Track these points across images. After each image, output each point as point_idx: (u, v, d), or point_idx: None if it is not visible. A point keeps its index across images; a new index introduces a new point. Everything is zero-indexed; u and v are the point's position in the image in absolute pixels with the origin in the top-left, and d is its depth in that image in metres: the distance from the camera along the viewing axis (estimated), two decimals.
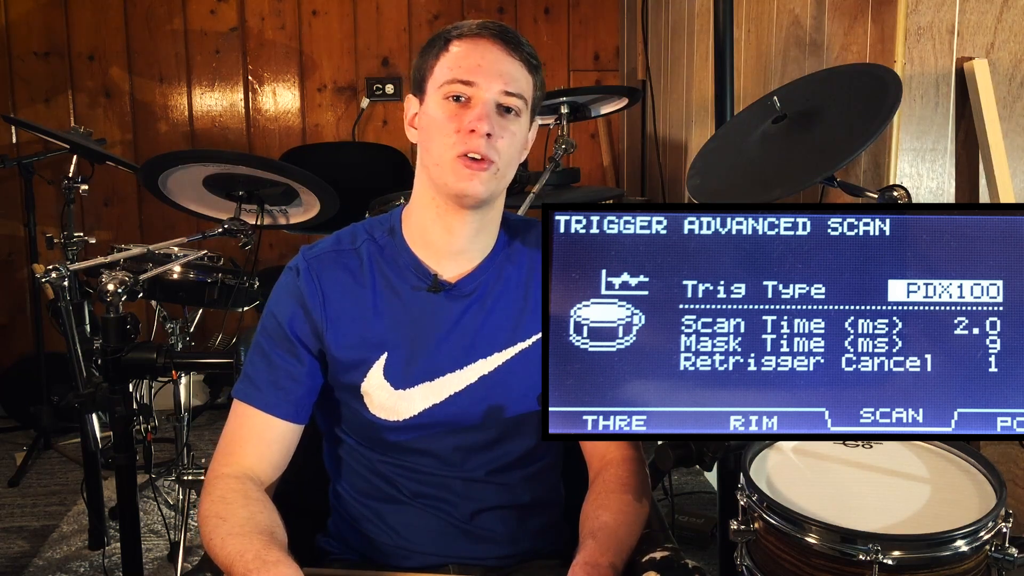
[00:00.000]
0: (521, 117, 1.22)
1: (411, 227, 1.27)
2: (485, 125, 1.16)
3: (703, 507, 2.80)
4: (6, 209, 3.72)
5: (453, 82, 1.18)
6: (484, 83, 1.18)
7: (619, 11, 3.96)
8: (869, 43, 1.88)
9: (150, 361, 1.77)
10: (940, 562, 0.93)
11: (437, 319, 1.25)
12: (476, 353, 1.25)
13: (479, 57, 1.18)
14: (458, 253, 1.26)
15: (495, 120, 1.18)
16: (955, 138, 1.77)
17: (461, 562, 1.27)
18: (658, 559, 1.20)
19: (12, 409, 3.56)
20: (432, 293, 1.24)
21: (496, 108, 1.19)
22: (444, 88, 1.19)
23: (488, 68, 1.18)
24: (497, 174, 1.19)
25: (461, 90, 1.18)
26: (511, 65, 1.20)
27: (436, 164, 1.20)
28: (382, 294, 1.25)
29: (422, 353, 1.24)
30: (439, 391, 1.25)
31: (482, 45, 1.19)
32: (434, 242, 1.25)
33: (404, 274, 1.25)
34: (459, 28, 1.22)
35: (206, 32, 3.74)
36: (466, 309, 1.25)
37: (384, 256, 1.27)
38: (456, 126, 1.18)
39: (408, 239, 1.27)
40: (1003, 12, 1.73)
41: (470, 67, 1.18)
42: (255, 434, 1.24)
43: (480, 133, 1.16)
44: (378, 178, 3.66)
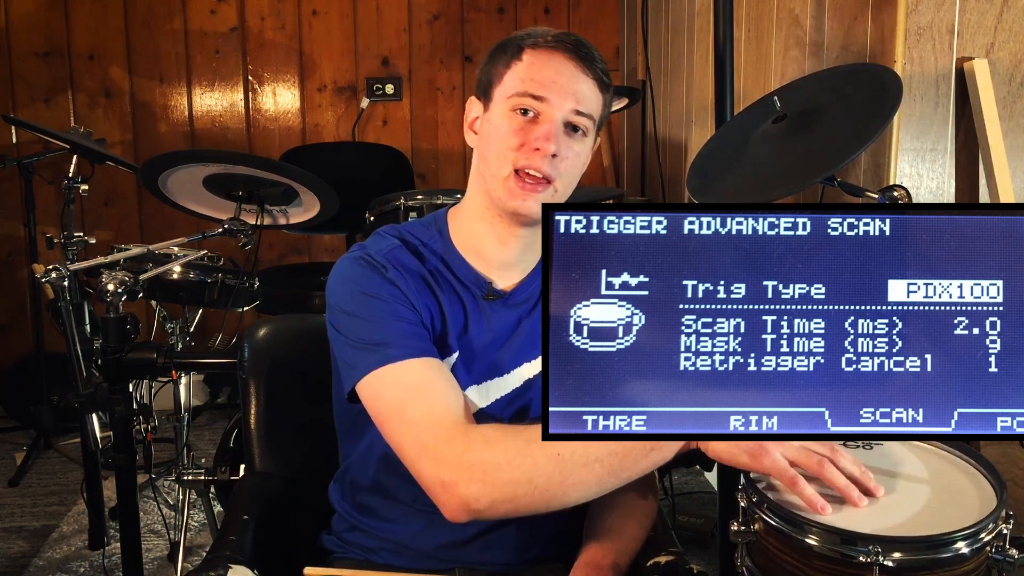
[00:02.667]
0: (587, 137, 1.19)
1: (461, 233, 1.25)
2: (552, 145, 1.13)
3: (703, 507, 2.80)
4: (6, 209, 3.72)
5: (524, 95, 1.15)
6: (556, 100, 1.14)
7: (619, 11, 3.96)
8: (869, 43, 1.88)
9: (150, 361, 1.77)
10: (940, 564, 0.92)
11: (492, 326, 1.23)
12: (522, 356, 1.25)
13: (553, 72, 1.15)
14: (510, 265, 1.24)
15: (562, 139, 1.15)
16: (955, 138, 1.77)
17: (468, 566, 1.27)
18: (663, 564, 1.19)
19: (12, 409, 3.56)
20: (488, 301, 1.23)
21: (564, 127, 1.16)
22: (513, 100, 1.16)
23: (562, 85, 1.14)
24: (556, 195, 1.16)
25: (531, 104, 1.15)
26: (585, 83, 1.16)
27: (493, 176, 1.17)
28: (442, 297, 1.22)
29: (476, 358, 1.23)
30: (486, 395, 1.24)
31: (557, 59, 1.16)
32: (485, 252, 1.23)
33: (461, 281, 1.24)
34: (533, 37, 1.18)
35: (206, 32, 3.74)
36: (519, 316, 1.25)
37: (437, 262, 1.24)
38: (520, 140, 1.14)
39: (458, 246, 1.24)
40: (1003, 12, 1.73)
41: (543, 81, 1.14)
42: (429, 382, 1.12)
43: (545, 153, 1.13)
44: (378, 178, 3.66)
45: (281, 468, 1.47)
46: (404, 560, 1.28)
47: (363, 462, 1.31)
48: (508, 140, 1.15)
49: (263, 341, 1.49)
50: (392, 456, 1.25)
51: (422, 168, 3.92)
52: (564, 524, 1.32)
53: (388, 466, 1.27)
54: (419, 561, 1.27)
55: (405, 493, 1.27)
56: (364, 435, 1.29)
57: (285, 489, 1.39)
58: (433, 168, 3.96)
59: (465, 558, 1.27)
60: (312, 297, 2.92)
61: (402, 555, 1.28)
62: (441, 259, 1.24)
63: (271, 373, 1.48)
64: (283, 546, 1.35)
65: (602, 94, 1.19)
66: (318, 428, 1.37)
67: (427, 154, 3.94)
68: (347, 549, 1.33)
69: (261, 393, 1.48)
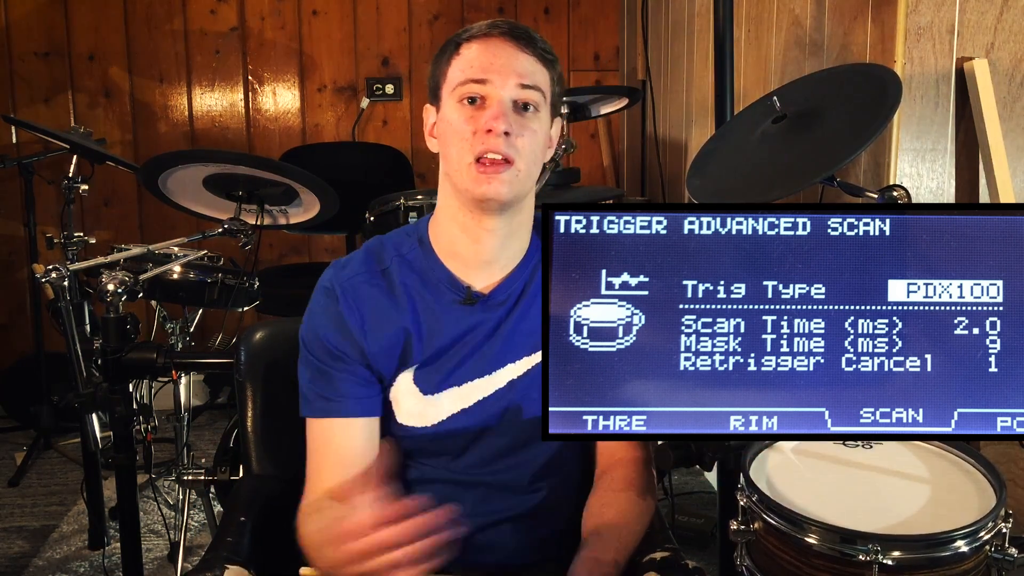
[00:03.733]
0: (540, 112, 1.18)
1: (439, 239, 1.25)
2: (502, 124, 1.13)
3: (703, 507, 2.79)
4: (6, 209, 3.72)
5: (466, 83, 1.16)
6: (498, 80, 1.15)
7: (619, 11, 3.96)
8: (869, 43, 1.88)
9: (150, 361, 1.77)
10: (940, 562, 0.93)
11: (470, 329, 1.23)
12: (506, 358, 1.24)
13: (491, 56, 1.16)
14: (488, 263, 1.24)
15: (512, 118, 1.15)
16: (955, 138, 1.77)
17: (465, 567, 1.27)
18: (658, 560, 1.20)
19: (12, 409, 3.56)
20: (466, 306, 1.23)
21: (513, 106, 1.15)
22: (458, 91, 1.16)
23: (502, 64, 1.15)
24: (519, 175, 1.16)
25: (475, 90, 1.15)
26: (525, 60, 1.16)
27: (456, 170, 1.17)
28: (416, 311, 1.23)
29: (453, 360, 1.23)
30: (467, 396, 1.24)
31: (494, 43, 1.17)
32: (462, 254, 1.23)
33: (438, 288, 1.24)
34: (469, 30, 1.19)
35: (206, 32, 3.74)
36: (500, 317, 1.24)
37: (415, 272, 1.25)
38: (472, 128, 1.15)
39: (437, 251, 1.25)
40: (1003, 12, 1.73)
41: (483, 65, 1.15)
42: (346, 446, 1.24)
43: (497, 132, 1.13)
44: (378, 178, 3.66)
45: (278, 470, 1.47)
46: None
47: None
48: (462, 131, 1.16)
49: (260, 344, 1.49)
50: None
51: (422, 168, 3.92)
52: (560, 525, 1.33)
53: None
54: None
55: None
56: None
57: (282, 491, 1.39)
58: (433, 168, 3.96)
59: (462, 558, 1.27)
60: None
61: None
62: (418, 269, 1.25)
63: (268, 376, 1.48)
64: (280, 547, 1.35)
65: (547, 70, 1.19)
66: None
67: (427, 154, 3.94)
68: None
69: (258, 396, 1.48)
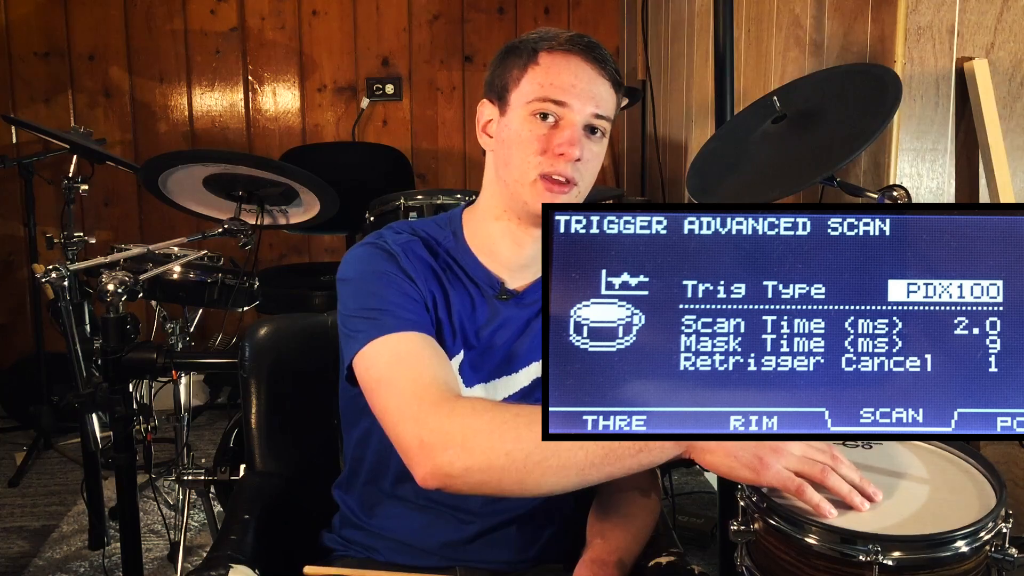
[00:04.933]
0: (605, 137, 1.20)
1: (475, 234, 1.25)
2: (576, 151, 1.14)
3: (703, 507, 2.80)
4: (6, 209, 3.72)
5: (544, 100, 1.15)
6: (577, 105, 1.15)
7: (619, 11, 3.96)
8: (869, 43, 1.88)
9: (150, 361, 1.77)
10: (940, 563, 0.92)
11: (502, 324, 1.24)
12: (531, 356, 1.25)
13: (572, 76, 1.15)
14: (525, 267, 1.25)
15: (584, 143, 1.15)
16: (955, 138, 1.77)
17: (469, 565, 1.27)
18: (664, 564, 1.20)
19: (12, 409, 3.56)
20: (500, 300, 1.24)
21: (584, 129, 1.16)
22: (534, 104, 1.16)
23: (581, 89, 1.15)
24: (579, 195, 1.18)
25: (552, 109, 1.15)
26: (602, 86, 1.17)
27: (516, 180, 1.17)
28: (455, 295, 1.23)
29: (484, 355, 1.24)
30: (493, 393, 1.24)
31: (574, 62, 1.16)
32: (501, 254, 1.24)
33: (473, 282, 1.24)
34: (547, 40, 1.18)
35: (206, 32, 3.74)
36: (529, 316, 1.25)
37: (450, 262, 1.25)
38: (543, 146, 1.15)
39: (472, 247, 1.25)
40: (1003, 12, 1.73)
41: (563, 86, 1.15)
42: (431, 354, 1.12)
43: (570, 158, 1.14)
44: (378, 178, 3.66)
45: (282, 467, 1.47)
46: (405, 558, 1.28)
47: (363, 457, 1.32)
48: (531, 145, 1.16)
49: (264, 340, 1.49)
50: (391, 452, 1.26)
51: (422, 168, 3.92)
52: (564, 523, 1.33)
53: (388, 462, 1.28)
54: (420, 559, 1.27)
55: (406, 490, 1.27)
56: (361, 425, 1.30)
57: (285, 488, 1.39)
58: (433, 168, 3.96)
59: (466, 557, 1.27)
60: (312, 297, 2.92)
61: (403, 553, 1.28)
62: (454, 258, 1.25)
63: (272, 372, 1.48)
64: (284, 545, 1.35)
65: (616, 94, 1.20)
66: (319, 427, 1.38)
67: (427, 154, 3.94)
68: (348, 547, 1.33)
69: (262, 393, 1.48)
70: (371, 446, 1.29)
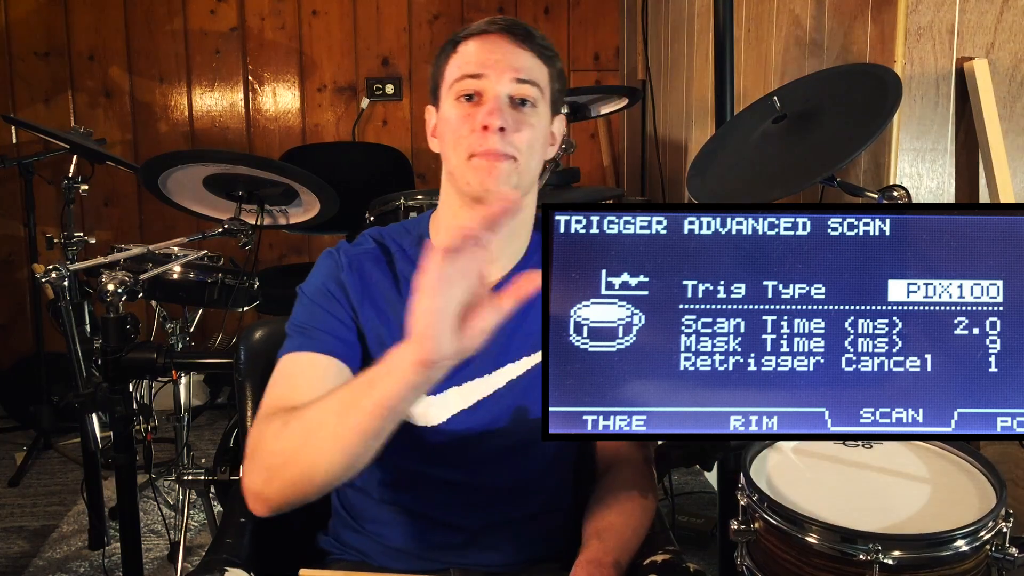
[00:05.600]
0: (539, 108, 1.18)
1: (439, 235, 1.25)
2: (497, 119, 1.12)
3: (703, 507, 2.79)
4: (6, 209, 3.72)
5: (462, 78, 1.15)
6: (494, 75, 1.14)
7: (619, 11, 3.96)
8: (869, 43, 1.88)
9: (150, 361, 1.77)
10: (940, 562, 0.93)
11: None
12: (506, 358, 1.24)
13: (487, 52, 1.15)
14: (492, 260, 1.24)
15: (509, 114, 1.14)
16: (955, 138, 1.77)
17: (463, 567, 1.27)
18: (660, 562, 1.19)
19: (12, 409, 3.56)
20: None
21: (509, 102, 1.15)
22: (455, 88, 1.16)
23: (497, 59, 1.15)
24: (518, 168, 1.15)
25: (471, 85, 1.15)
26: (522, 55, 1.16)
27: (456, 166, 1.17)
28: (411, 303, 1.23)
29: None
30: (467, 396, 1.23)
31: (491, 40, 1.16)
32: None
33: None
34: (467, 29, 1.19)
35: (206, 32, 3.74)
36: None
37: (415, 267, 1.24)
38: (469, 125, 1.14)
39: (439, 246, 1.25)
40: (1003, 12, 1.73)
41: (479, 61, 1.15)
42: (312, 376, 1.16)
43: (492, 129, 1.12)
44: (378, 178, 3.66)
45: None
46: (400, 562, 1.28)
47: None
48: (459, 128, 1.15)
49: (259, 343, 1.49)
50: (394, 461, 1.26)
51: (422, 168, 3.92)
52: (558, 522, 1.33)
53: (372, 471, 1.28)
54: (414, 563, 1.27)
55: (393, 497, 1.27)
56: None
57: None
58: (433, 168, 3.96)
59: (460, 560, 1.27)
60: None
61: (397, 557, 1.28)
62: (417, 265, 1.24)
63: (268, 375, 1.47)
64: (280, 548, 1.35)
65: (546, 65, 1.19)
66: None
67: (427, 154, 3.94)
68: (343, 550, 1.33)
69: (258, 395, 1.47)
70: None
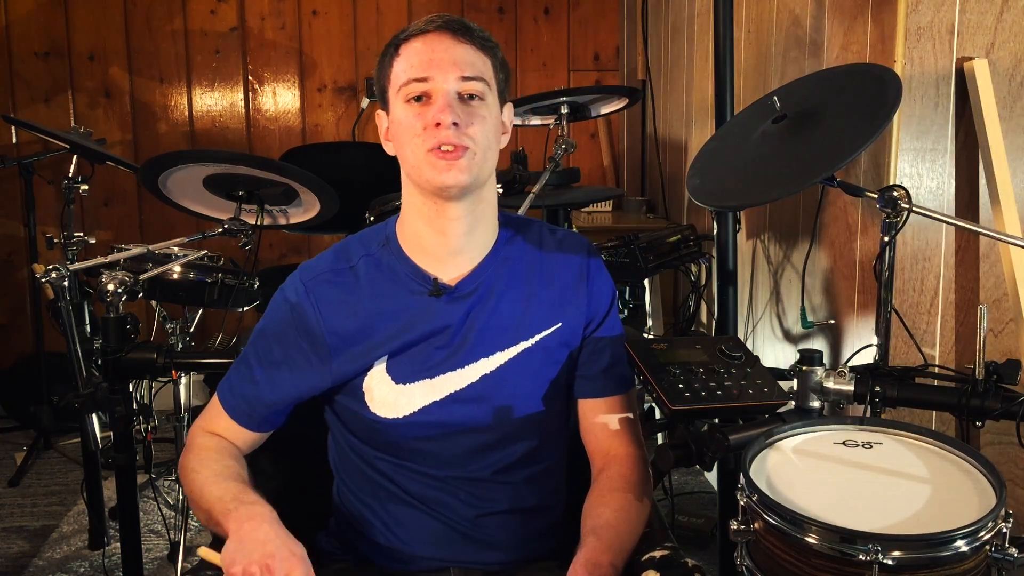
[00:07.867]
0: (487, 100, 1.20)
1: (406, 236, 1.27)
2: (449, 116, 1.15)
3: (703, 507, 2.80)
4: (6, 209, 3.72)
5: (409, 83, 1.17)
6: (439, 75, 1.16)
7: (619, 11, 3.96)
8: (869, 43, 1.88)
9: (150, 361, 1.77)
10: (940, 562, 0.92)
11: (439, 320, 1.24)
12: (478, 352, 1.25)
13: (430, 52, 1.17)
14: (455, 254, 1.25)
15: (459, 109, 1.16)
16: (955, 138, 1.77)
17: (462, 565, 1.27)
18: (657, 558, 1.20)
19: (12, 409, 3.57)
20: (434, 297, 1.24)
21: (458, 98, 1.17)
22: (403, 91, 1.18)
23: (440, 58, 1.17)
24: (475, 159, 1.17)
25: (419, 88, 1.17)
26: (464, 51, 1.18)
27: (414, 166, 1.19)
28: (383, 304, 1.24)
29: (424, 351, 1.24)
30: (439, 389, 1.24)
31: (431, 39, 1.18)
32: (429, 247, 1.24)
33: (404, 282, 1.25)
34: (406, 31, 1.21)
35: (206, 32, 3.74)
36: (469, 309, 1.25)
37: (382, 268, 1.26)
38: (423, 124, 1.16)
39: (405, 248, 1.26)
40: (1003, 12, 1.73)
41: (423, 63, 1.17)
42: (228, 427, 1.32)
43: (446, 125, 1.15)
44: (378, 178, 3.63)
45: (276, 469, 1.47)
46: (398, 561, 1.28)
47: (344, 460, 1.33)
48: (412, 129, 1.17)
49: None
50: (376, 457, 1.27)
51: None
52: (554, 519, 1.33)
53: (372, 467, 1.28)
54: (413, 561, 1.27)
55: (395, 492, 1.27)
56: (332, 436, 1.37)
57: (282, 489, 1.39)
58: None
59: (459, 557, 1.27)
60: None
61: (397, 556, 1.28)
62: (384, 265, 1.26)
63: None
64: None
65: (488, 57, 1.21)
66: (315, 429, 1.38)
67: None
68: (343, 549, 1.33)
69: None
70: (351, 458, 1.32)
